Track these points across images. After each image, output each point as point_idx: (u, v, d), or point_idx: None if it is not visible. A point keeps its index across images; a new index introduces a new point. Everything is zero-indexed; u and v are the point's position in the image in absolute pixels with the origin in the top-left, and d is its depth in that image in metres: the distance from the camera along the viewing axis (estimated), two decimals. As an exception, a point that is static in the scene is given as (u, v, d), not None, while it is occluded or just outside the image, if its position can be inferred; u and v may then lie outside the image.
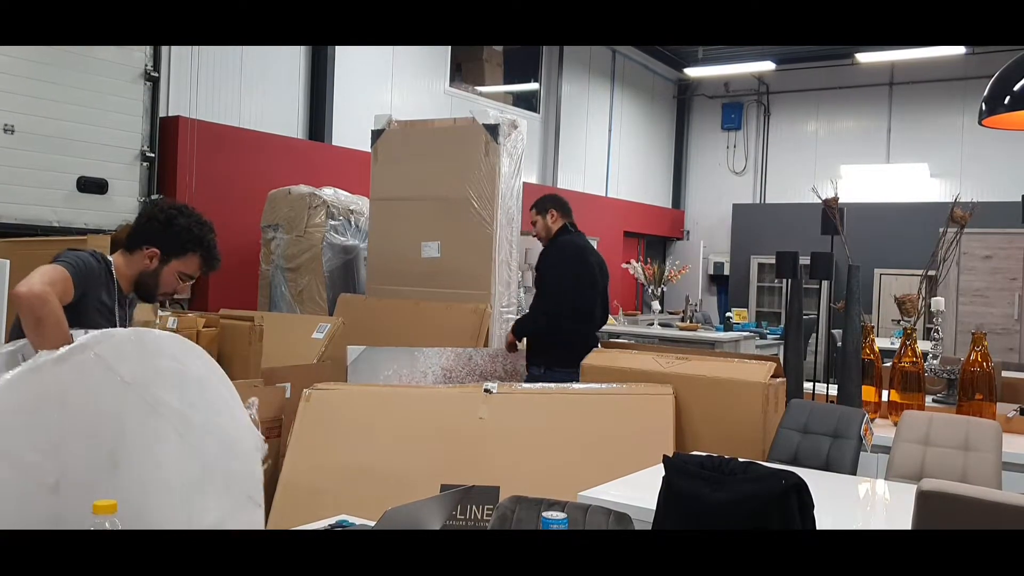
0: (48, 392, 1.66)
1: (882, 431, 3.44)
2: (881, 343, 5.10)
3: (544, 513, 1.65)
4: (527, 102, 10.88)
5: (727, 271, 12.97)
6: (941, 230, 4.89)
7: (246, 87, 7.37)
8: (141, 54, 6.10)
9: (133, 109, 6.08)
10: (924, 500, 1.86)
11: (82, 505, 1.48)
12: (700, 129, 13.81)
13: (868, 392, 3.88)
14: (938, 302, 4.29)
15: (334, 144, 7.93)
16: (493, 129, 5.25)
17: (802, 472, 1.86)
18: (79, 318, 2.24)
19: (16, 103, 5.42)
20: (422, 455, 3.28)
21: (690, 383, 3.50)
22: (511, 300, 5.05)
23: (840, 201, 4.25)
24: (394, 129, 5.65)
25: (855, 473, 3.02)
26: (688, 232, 13.82)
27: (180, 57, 6.75)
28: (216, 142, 6.70)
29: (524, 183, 5.69)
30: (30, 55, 5.45)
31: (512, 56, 10.66)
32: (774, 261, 4.27)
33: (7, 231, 5.28)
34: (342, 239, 6.11)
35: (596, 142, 12.03)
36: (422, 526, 1.73)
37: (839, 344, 4.04)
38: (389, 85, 8.74)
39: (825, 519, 1.84)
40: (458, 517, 2.81)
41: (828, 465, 3.01)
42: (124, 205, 6.03)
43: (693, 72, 12.48)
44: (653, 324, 8.36)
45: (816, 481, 1.91)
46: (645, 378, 3.59)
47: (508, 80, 10.73)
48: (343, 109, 8.04)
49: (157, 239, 2.52)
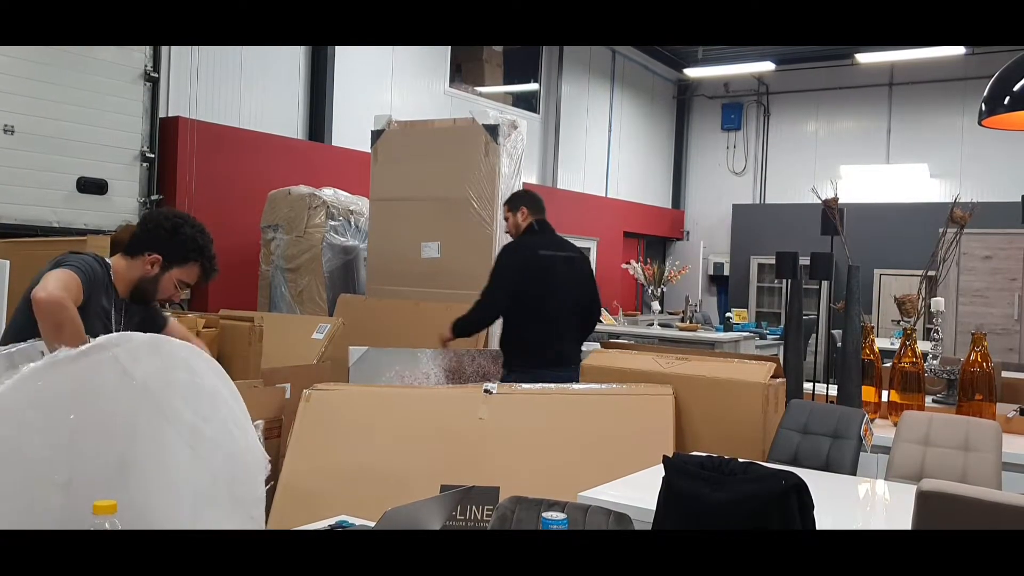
0: (64, 389, 1.64)
1: (882, 431, 3.44)
2: (881, 343, 5.10)
3: (544, 513, 1.65)
4: (527, 102, 10.88)
5: (727, 271, 12.97)
6: (941, 230, 4.89)
7: (246, 87, 7.37)
8: (141, 54, 6.10)
9: (133, 109, 6.08)
10: (924, 500, 1.86)
11: (91, 505, 1.48)
12: (700, 129, 13.81)
13: (868, 392, 3.88)
14: (938, 302, 4.29)
15: (334, 144, 7.93)
16: (493, 129, 5.26)
17: (802, 472, 1.86)
18: (84, 320, 2.25)
19: (16, 103, 5.42)
20: (422, 455, 3.28)
21: (690, 383, 3.49)
22: (511, 300, 5.04)
23: (840, 201, 4.25)
24: (394, 129, 5.65)
25: (855, 473, 3.02)
26: (688, 232, 13.82)
27: (180, 57, 6.75)
28: (216, 142, 6.70)
29: (524, 183, 5.69)
30: (30, 55, 5.45)
31: (512, 56, 10.66)
32: (774, 261, 4.27)
33: (7, 231, 5.28)
34: (342, 239, 6.11)
35: (596, 142, 12.03)
36: (422, 526, 1.73)
37: (839, 344, 4.04)
38: (389, 85, 8.74)
39: (825, 519, 1.84)
40: (458, 517, 2.81)
41: (828, 465, 3.01)
42: (124, 205, 6.03)
43: (693, 72, 12.48)
44: (653, 324, 8.36)
45: (816, 481, 1.91)
46: (645, 378, 3.59)
47: (508, 80, 10.73)
48: (343, 109, 8.04)
49: (161, 246, 2.54)
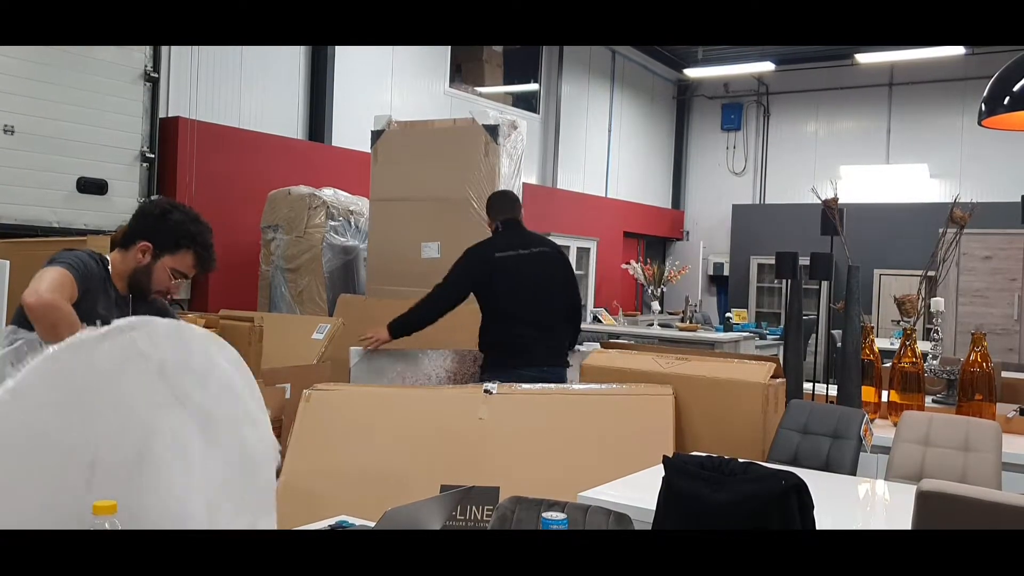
0: (86, 370, 1.63)
1: (882, 431, 3.44)
2: (881, 343, 5.10)
3: (544, 513, 1.65)
4: (527, 102, 10.88)
5: (727, 272, 12.97)
6: (941, 230, 4.89)
7: (246, 87, 7.37)
8: (141, 54, 6.10)
9: (133, 110, 6.08)
10: (924, 500, 1.86)
11: (112, 487, 1.48)
12: (700, 130, 13.81)
13: (868, 392, 3.88)
14: (938, 302, 4.29)
15: (334, 144, 7.93)
16: (493, 130, 5.26)
17: (802, 473, 1.86)
18: (81, 318, 2.24)
19: (16, 103, 5.42)
20: (422, 456, 3.28)
21: (690, 383, 3.49)
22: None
23: (840, 202, 4.25)
24: (394, 130, 5.65)
25: (855, 474, 3.02)
26: (688, 233, 13.82)
27: (180, 57, 6.75)
28: (216, 142, 6.70)
29: (524, 184, 5.70)
30: (30, 55, 5.45)
31: (512, 56, 10.66)
32: (774, 262, 4.27)
33: (7, 232, 5.28)
34: (342, 240, 6.11)
35: (596, 143, 12.03)
36: (422, 526, 1.73)
37: (839, 344, 4.04)
38: (389, 85, 8.75)
39: (825, 519, 1.84)
40: (458, 517, 2.81)
41: (828, 465, 3.01)
42: (124, 206, 6.03)
43: (693, 73, 12.48)
44: (653, 324, 8.36)
45: (816, 481, 1.91)
46: (645, 378, 3.59)
47: (508, 80, 10.73)
48: (343, 109, 8.04)
49: (150, 233, 2.50)
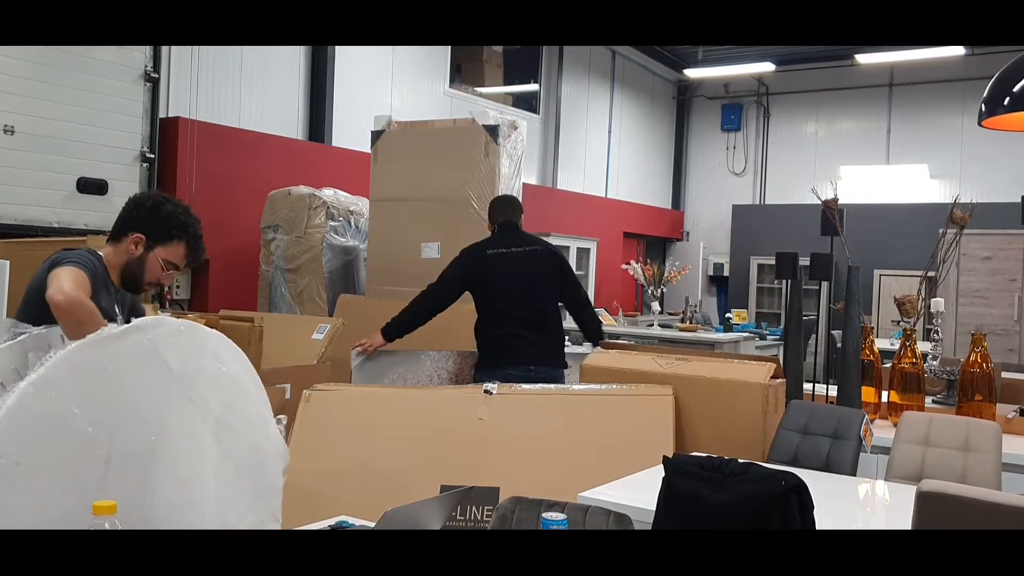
0: (106, 366, 1.66)
1: (882, 432, 3.44)
2: (881, 344, 5.10)
3: (544, 514, 1.65)
4: (527, 103, 10.88)
5: (727, 272, 12.97)
6: (941, 231, 4.88)
7: (246, 88, 7.37)
8: (141, 55, 6.10)
9: (133, 110, 6.08)
10: (924, 501, 1.86)
11: (127, 484, 1.49)
12: (700, 130, 13.81)
13: (868, 393, 3.88)
14: (938, 303, 4.29)
15: (334, 145, 7.93)
16: (493, 130, 5.26)
17: (802, 473, 1.86)
18: None
19: (16, 103, 5.42)
20: (422, 456, 3.28)
21: (690, 384, 3.49)
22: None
23: (840, 202, 4.25)
24: (394, 130, 5.65)
25: (855, 474, 3.02)
26: (688, 233, 13.82)
27: (180, 57, 6.76)
28: (216, 143, 6.70)
29: (524, 184, 5.70)
30: (30, 55, 5.45)
31: (512, 57, 10.66)
32: (774, 262, 4.27)
33: (7, 232, 5.28)
34: (342, 240, 6.11)
35: (596, 143, 12.03)
36: (422, 527, 1.73)
37: (839, 345, 4.04)
38: (389, 86, 8.75)
39: (825, 520, 1.84)
40: (458, 518, 2.81)
41: (828, 466, 3.01)
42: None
43: (693, 73, 12.48)
44: (653, 325, 8.36)
45: (816, 482, 1.91)
46: (645, 379, 3.58)
47: (508, 81, 10.73)
48: (343, 110, 8.04)
49: (143, 225, 2.50)
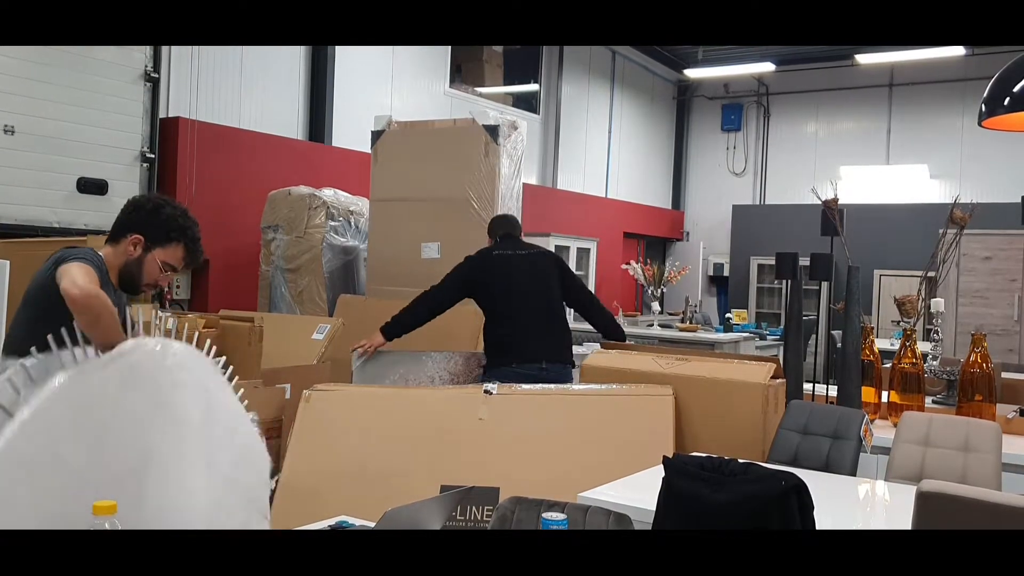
0: (94, 395, 1.70)
1: (882, 432, 3.44)
2: (881, 344, 5.10)
3: (544, 514, 1.65)
4: (527, 103, 10.88)
5: (727, 272, 12.97)
6: (941, 231, 4.88)
7: (246, 88, 7.37)
8: (141, 55, 6.10)
9: (133, 110, 6.08)
10: (924, 501, 1.86)
11: (120, 505, 1.50)
12: (700, 130, 13.81)
13: (868, 393, 3.88)
14: (938, 303, 4.29)
15: (334, 145, 7.93)
16: (493, 130, 5.26)
17: (802, 473, 1.86)
18: None
19: (16, 103, 5.42)
20: (422, 456, 3.28)
21: (690, 384, 3.49)
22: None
23: (840, 202, 4.25)
24: (394, 130, 5.65)
25: (855, 474, 3.02)
26: (688, 233, 13.82)
27: (180, 57, 6.75)
28: (216, 143, 6.70)
29: (524, 184, 5.70)
30: (30, 55, 5.45)
31: (512, 57, 10.66)
32: (774, 262, 4.27)
33: (7, 232, 5.28)
34: (342, 240, 6.11)
35: (596, 143, 12.03)
36: (422, 527, 1.73)
37: (839, 345, 4.04)
38: (389, 86, 8.75)
39: (825, 520, 1.84)
40: (458, 518, 2.81)
41: (828, 466, 3.01)
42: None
43: (693, 73, 12.47)
44: (653, 325, 8.36)
45: (816, 482, 1.91)
46: (645, 379, 3.58)
47: (508, 81, 10.72)
48: (343, 110, 8.04)
49: (143, 227, 2.52)
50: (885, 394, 3.93)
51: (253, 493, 1.95)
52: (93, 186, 5.83)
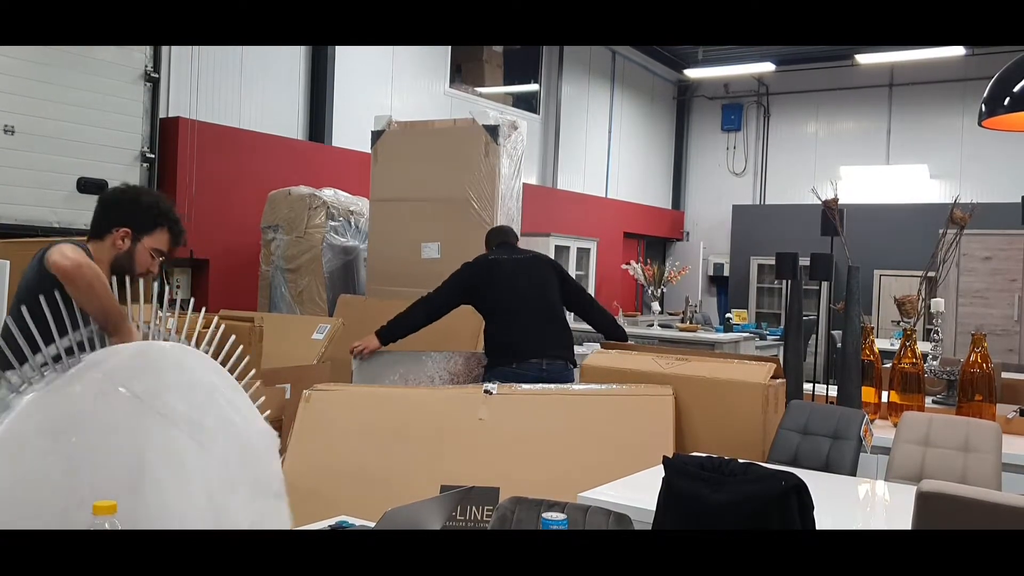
0: (66, 411, 1.68)
1: (882, 432, 3.44)
2: (881, 344, 5.10)
3: (544, 514, 1.65)
4: (527, 103, 10.88)
5: (727, 272, 12.97)
6: (941, 231, 4.88)
7: (246, 88, 7.37)
8: (141, 55, 6.10)
9: (133, 110, 6.08)
10: (924, 501, 1.86)
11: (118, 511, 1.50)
12: (700, 130, 13.81)
13: (868, 393, 3.88)
14: (938, 303, 4.29)
15: (334, 145, 7.93)
16: (493, 130, 5.26)
17: (802, 473, 1.86)
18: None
19: (16, 103, 5.42)
20: (422, 456, 3.28)
21: (690, 384, 3.49)
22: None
23: (840, 202, 4.25)
24: (394, 130, 5.65)
25: (855, 474, 3.02)
26: (688, 233, 13.82)
27: (180, 57, 6.75)
28: (216, 143, 6.70)
29: (524, 184, 5.70)
30: (30, 55, 5.45)
31: (512, 57, 10.66)
32: (774, 262, 4.27)
33: (7, 231, 5.28)
34: (342, 240, 6.11)
35: (596, 143, 12.03)
36: (422, 527, 1.73)
37: (839, 345, 4.04)
38: (389, 86, 8.75)
39: (825, 520, 1.84)
40: (458, 518, 2.81)
41: (828, 466, 3.01)
42: (124, 206, 6.02)
43: (693, 73, 12.47)
44: (653, 325, 8.36)
45: (816, 482, 1.91)
46: (645, 379, 3.58)
47: (508, 81, 10.72)
48: (343, 110, 8.04)
49: (127, 218, 2.52)
50: (885, 394, 3.93)
51: (262, 479, 1.94)
52: (93, 186, 5.82)
